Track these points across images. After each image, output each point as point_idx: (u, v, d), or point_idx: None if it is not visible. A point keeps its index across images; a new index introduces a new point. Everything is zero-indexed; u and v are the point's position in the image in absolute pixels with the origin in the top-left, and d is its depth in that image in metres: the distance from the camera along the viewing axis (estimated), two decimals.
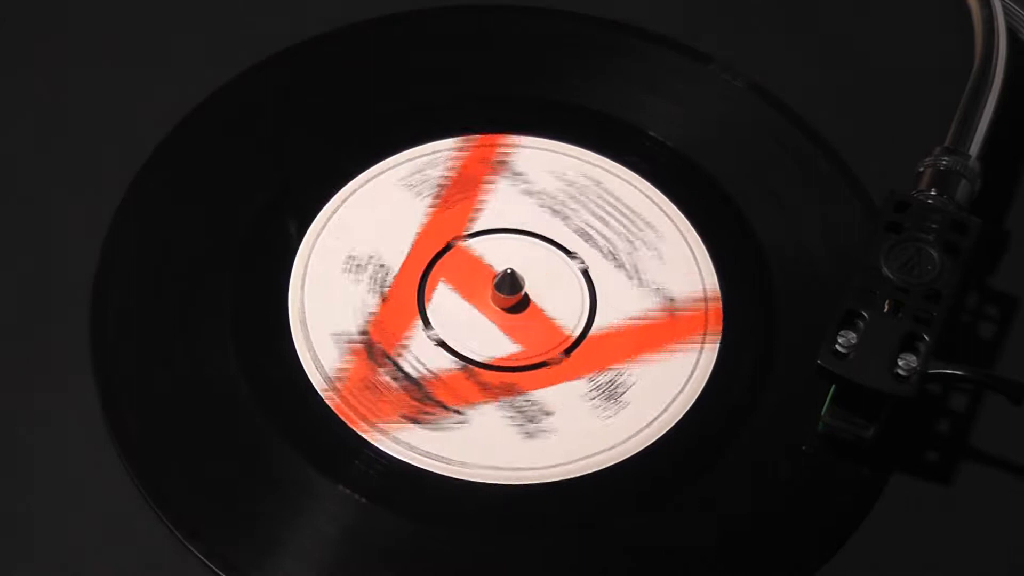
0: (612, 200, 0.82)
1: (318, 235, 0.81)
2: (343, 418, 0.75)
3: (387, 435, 0.75)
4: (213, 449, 0.75)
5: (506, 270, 0.78)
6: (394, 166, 0.83)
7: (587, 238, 0.81)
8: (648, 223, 0.82)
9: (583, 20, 0.89)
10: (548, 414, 0.76)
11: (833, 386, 0.75)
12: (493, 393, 0.77)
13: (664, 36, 0.88)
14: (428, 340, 0.78)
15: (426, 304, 0.79)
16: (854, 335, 0.74)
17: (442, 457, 0.75)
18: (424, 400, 0.76)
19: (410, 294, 0.79)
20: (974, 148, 0.80)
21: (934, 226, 0.76)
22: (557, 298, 0.80)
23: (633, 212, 0.82)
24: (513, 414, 0.76)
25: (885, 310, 0.74)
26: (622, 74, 0.87)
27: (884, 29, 0.90)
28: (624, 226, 0.82)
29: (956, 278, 0.75)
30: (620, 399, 0.77)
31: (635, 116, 0.85)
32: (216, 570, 0.72)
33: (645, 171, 0.83)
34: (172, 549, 0.72)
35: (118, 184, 0.81)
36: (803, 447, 0.76)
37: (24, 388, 0.76)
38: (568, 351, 0.78)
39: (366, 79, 0.86)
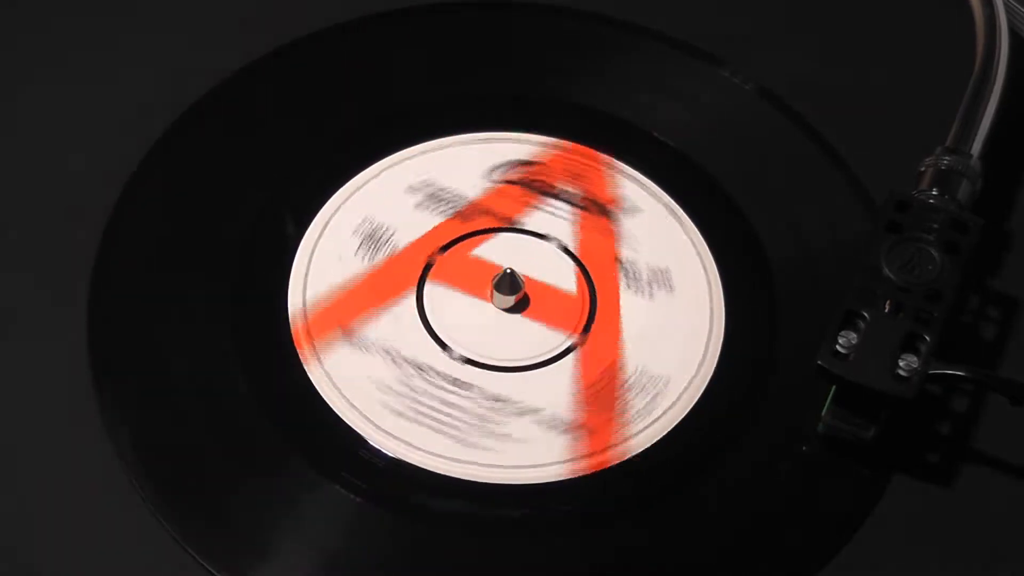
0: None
1: (319, 235, 0.80)
2: (342, 416, 0.76)
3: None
4: (212, 449, 0.75)
5: (505, 270, 0.78)
6: (392, 165, 0.83)
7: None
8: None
9: (586, 19, 0.89)
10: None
11: (833, 386, 0.75)
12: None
13: (667, 35, 0.88)
14: (454, 360, 0.78)
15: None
16: (854, 335, 0.73)
17: (441, 456, 0.75)
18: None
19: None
20: (975, 148, 0.80)
21: (935, 226, 0.76)
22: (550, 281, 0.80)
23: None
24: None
25: (886, 310, 0.74)
26: (625, 74, 0.87)
27: (886, 28, 0.90)
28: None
29: (957, 278, 0.75)
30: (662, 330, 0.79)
31: (638, 116, 0.85)
32: (214, 572, 0.72)
33: (649, 171, 0.83)
34: (170, 550, 0.72)
35: (114, 184, 0.81)
36: (803, 447, 0.76)
37: (22, 388, 0.76)
38: (587, 328, 0.79)
39: (366, 79, 0.86)
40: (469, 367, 0.77)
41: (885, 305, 0.74)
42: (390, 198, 0.81)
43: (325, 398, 0.76)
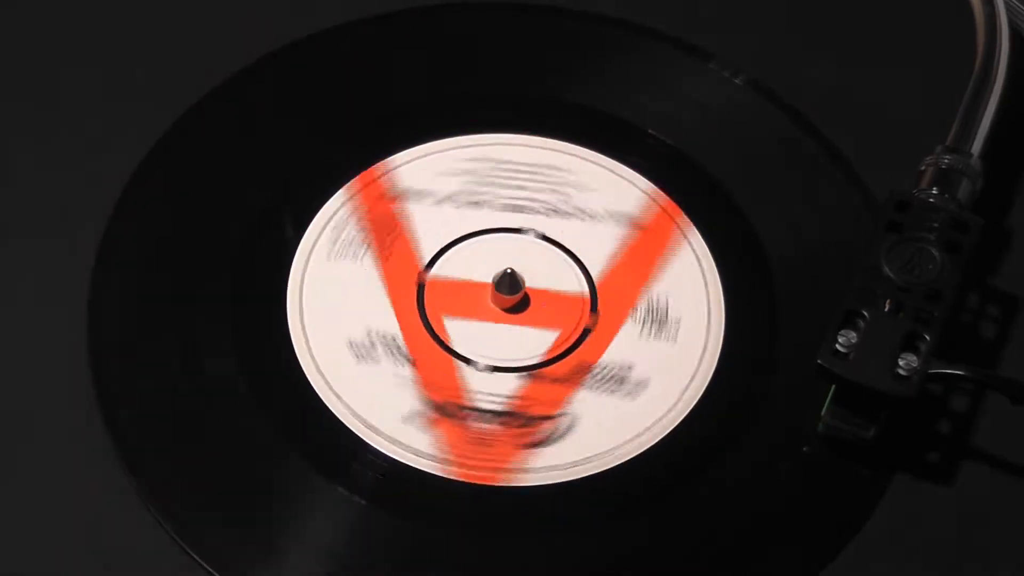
0: (511, 167, 0.83)
1: (318, 235, 0.80)
2: (343, 418, 0.76)
3: (526, 471, 0.74)
4: (211, 450, 0.74)
5: (505, 270, 0.78)
6: (394, 167, 0.83)
7: (519, 209, 0.81)
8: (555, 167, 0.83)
9: (582, 17, 0.89)
10: (630, 367, 0.77)
11: (833, 386, 0.75)
12: (574, 381, 0.77)
13: (665, 33, 0.88)
14: (481, 373, 0.77)
15: (451, 344, 0.78)
16: (854, 335, 0.73)
17: (440, 456, 0.75)
18: (528, 422, 0.76)
19: (430, 344, 0.78)
20: (976, 147, 0.80)
21: (935, 225, 0.76)
22: (545, 273, 0.80)
23: (533, 166, 0.83)
24: (604, 386, 0.77)
25: (886, 310, 0.74)
26: (621, 72, 0.87)
27: (886, 27, 0.90)
28: (539, 182, 0.82)
29: (957, 278, 0.75)
30: (667, 321, 0.78)
31: (634, 114, 0.85)
32: (213, 572, 0.72)
33: (645, 169, 0.83)
34: (169, 551, 0.72)
35: (115, 184, 0.81)
36: (804, 448, 0.76)
37: (21, 389, 0.76)
38: (594, 308, 0.79)
39: (365, 79, 0.86)
40: (503, 375, 0.77)
41: (885, 305, 0.74)
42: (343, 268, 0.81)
43: (324, 398, 0.76)
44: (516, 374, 0.77)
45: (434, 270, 0.80)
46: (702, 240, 0.81)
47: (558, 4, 0.89)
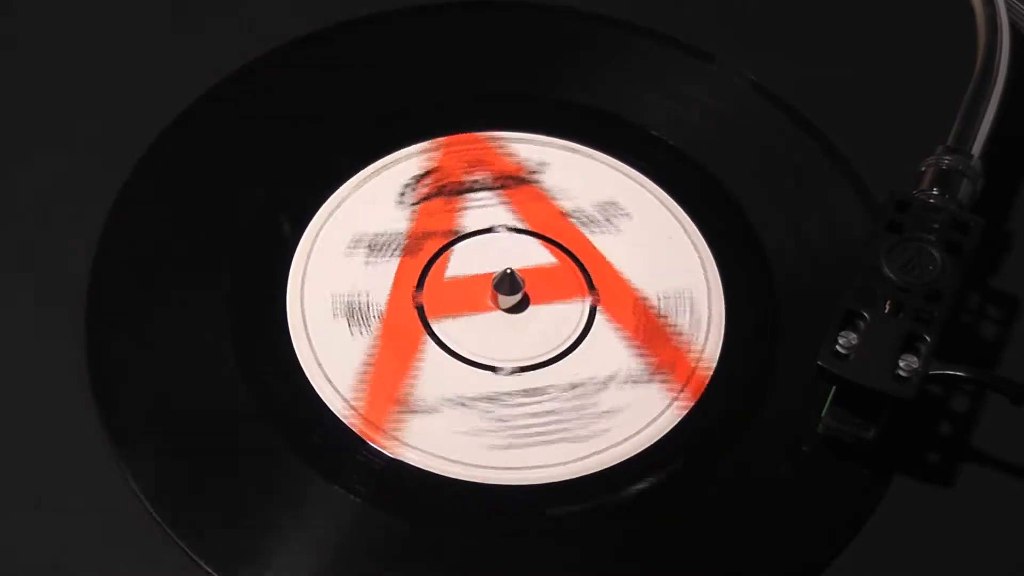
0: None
1: (316, 234, 0.80)
2: (347, 423, 0.75)
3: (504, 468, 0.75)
4: (211, 451, 0.74)
5: (505, 270, 0.78)
6: (392, 164, 0.83)
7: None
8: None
9: (584, 18, 0.89)
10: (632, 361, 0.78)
11: (833, 387, 0.75)
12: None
13: (666, 35, 0.88)
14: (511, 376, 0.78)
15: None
16: (855, 335, 0.73)
17: (564, 463, 0.75)
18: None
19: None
20: (976, 147, 0.79)
21: (935, 226, 0.76)
22: (535, 260, 0.80)
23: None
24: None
25: (886, 310, 0.74)
26: (623, 73, 0.87)
27: (886, 27, 0.90)
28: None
29: (957, 278, 0.75)
30: (666, 313, 0.79)
31: (637, 115, 0.85)
32: (212, 572, 0.72)
33: (648, 170, 0.83)
34: (170, 551, 0.72)
35: (113, 184, 0.81)
36: (804, 448, 0.76)
37: (20, 391, 0.76)
38: (591, 286, 0.80)
39: (365, 79, 0.86)
40: (528, 374, 0.77)
41: (885, 305, 0.74)
42: (340, 269, 0.80)
43: (324, 398, 0.76)
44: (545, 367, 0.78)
45: (425, 289, 0.80)
46: (703, 240, 0.81)
47: (559, 4, 0.89)
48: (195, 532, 0.72)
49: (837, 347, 0.73)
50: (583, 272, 0.80)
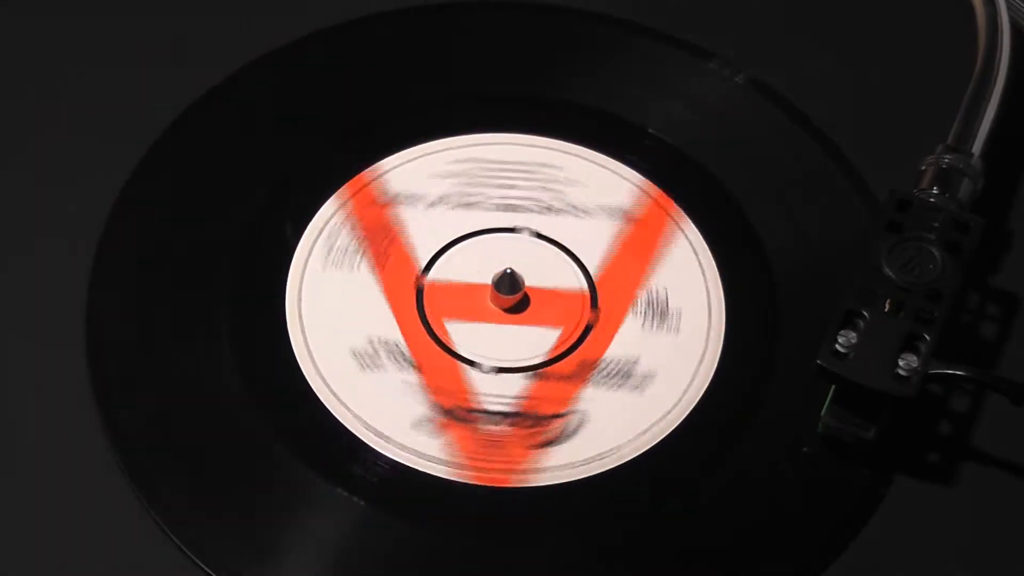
0: (501, 166, 0.83)
1: (316, 236, 0.80)
2: (346, 423, 0.75)
3: (542, 470, 0.74)
4: (210, 452, 0.74)
5: (505, 270, 0.78)
6: (384, 172, 0.82)
7: (511, 208, 0.81)
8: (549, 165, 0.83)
9: (582, 16, 0.88)
10: (635, 361, 0.77)
11: (833, 386, 0.74)
12: (580, 378, 0.77)
13: (665, 33, 0.88)
14: (487, 375, 0.77)
15: (454, 348, 0.78)
16: (854, 335, 0.73)
17: (452, 460, 0.75)
18: (539, 421, 0.76)
19: (433, 349, 0.78)
20: (977, 146, 0.79)
21: (936, 225, 0.76)
22: (542, 271, 0.79)
23: (522, 164, 0.83)
24: (611, 381, 0.77)
25: (886, 310, 0.74)
26: (622, 71, 0.87)
27: (886, 26, 0.90)
28: (530, 180, 0.82)
29: (958, 278, 0.75)
30: (668, 314, 0.78)
31: (635, 114, 0.85)
32: (211, 573, 0.72)
33: (646, 170, 0.83)
34: (169, 552, 0.72)
35: (113, 184, 0.81)
36: (804, 448, 0.76)
37: (19, 390, 0.75)
38: (594, 304, 0.79)
39: (365, 79, 0.86)
40: (509, 376, 0.77)
41: (885, 305, 0.74)
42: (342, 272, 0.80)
43: (323, 399, 0.76)
44: (522, 374, 0.77)
45: (432, 273, 0.79)
46: (703, 239, 0.81)
47: (558, 3, 0.89)
48: (195, 534, 0.72)
49: (837, 346, 0.73)
50: (592, 295, 0.80)
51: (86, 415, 0.75)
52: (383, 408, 0.76)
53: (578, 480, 0.74)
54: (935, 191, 0.77)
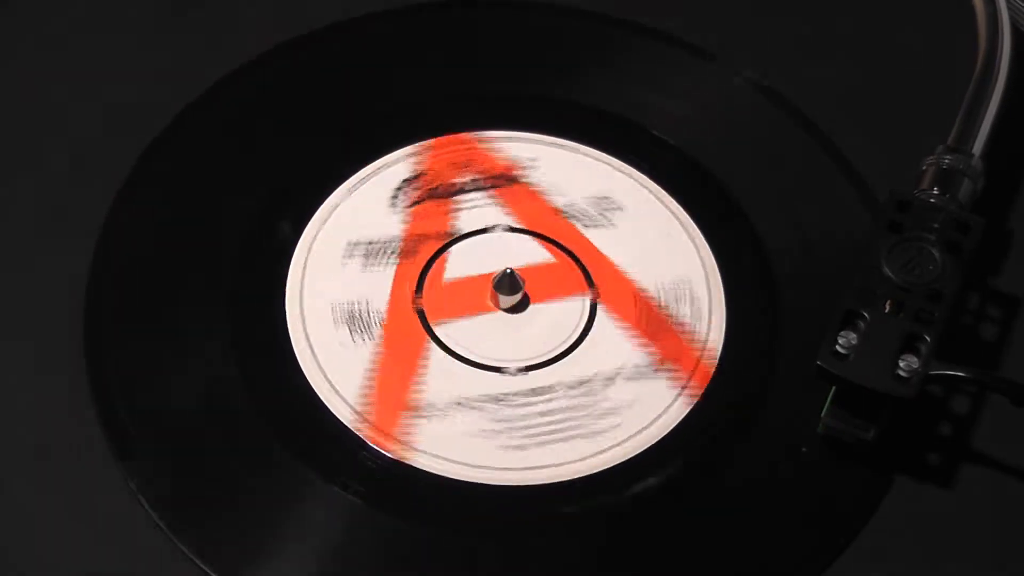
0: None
1: (316, 234, 0.80)
2: (346, 422, 0.75)
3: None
4: (210, 451, 0.74)
5: (505, 270, 0.78)
6: (381, 168, 0.82)
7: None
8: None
9: (585, 16, 0.88)
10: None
11: (833, 387, 0.74)
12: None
13: (667, 33, 0.88)
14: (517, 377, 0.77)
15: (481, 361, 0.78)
16: (854, 335, 0.73)
17: (580, 460, 0.75)
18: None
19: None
20: (977, 146, 0.79)
21: (936, 225, 0.76)
22: (530, 258, 0.80)
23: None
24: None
25: (886, 310, 0.74)
26: (625, 72, 0.87)
27: (887, 26, 0.89)
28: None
29: (958, 278, 0.75)
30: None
31: (638, 115, 0.85)
32: (210, 573, 0.72)
33: (649, 170, 0.83)
34: (169, 553, 0.72)
35: (111, 184, 0.81)
36: (803, 449, 0.75)
37: (19, 390, 0.75)
38: (590, 281, 0.80)
39: (365, 79, 0.86)
40: (533, 373, 0.77)
41: (885, 305, 0.74)
42: (338, 277, 0.79)
43: (323, 399, 0.76)
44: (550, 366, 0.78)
45: (424, 293, 0.79)
46: (703, 239, 0.81)
47: (558, 3, 0.89)
48: (194, 532, 0.72)
49: (837, 347, 0.73)
50: (581, 268, 0.80)
51: (85, 415, 0.75)
52: (467, 444, 0.75)
53: (576, 479, 0.74)
54: (935, 191, 0.77)
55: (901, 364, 0.72)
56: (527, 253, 0.80)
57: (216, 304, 0.78)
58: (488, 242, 0.81)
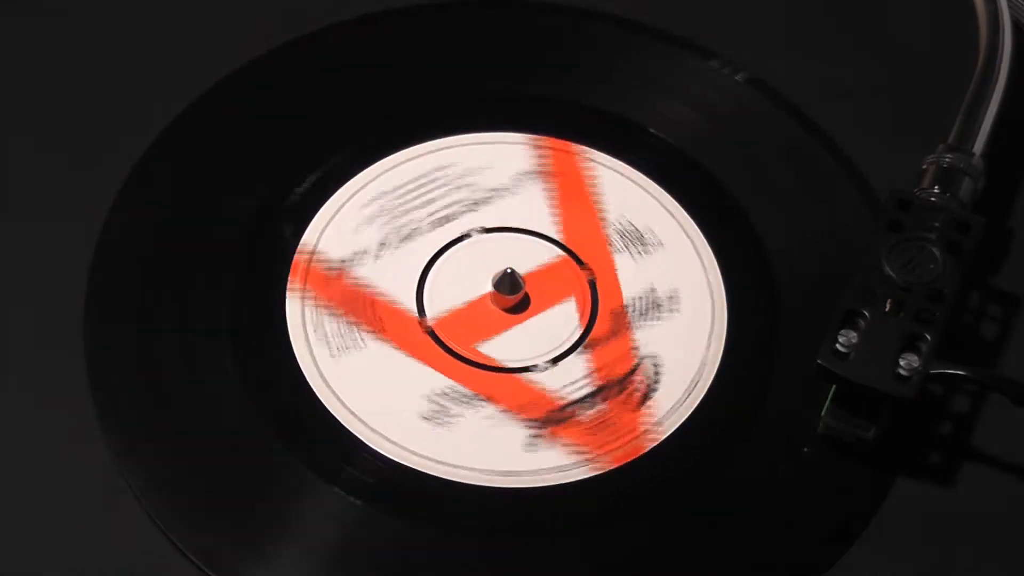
0: (408, 188, 0.82)
1: (318, 236, 0.80)
2: (346, 423, 0.75)
3: (659, 425, 0.75)
4: (210, 451, 0.74)
5: (505, 270, 0.78)
6: (393, 166, 0.82)
7: (446, 219, 0.81)
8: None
9: (582, 15, 0.88)
10: (652, 290, 0.79)
11: (833, 387, 0.74)
12: (623, 327, 0.78)
13: (667, 33, 0.88)
14: (546, 372, 0.77)
15: (503, 364, 0.77)
16: (855, 335, 0.73)
17: (582, 459, 0.75)
18: (623, 383, 0.77)
19: (488, 376, 0.77)
20: (978, 145, 0.79)
21: (936, 225, 0.76)
22: (517, 258, 0.80)
23: (424, 176, 0.82)
24: (649, 316, 0.79)
25: (886, 309, 0.74)
26: (622, 71, 0.87)
27: (887, 24, 0.89)
28: (442, 187, 0.82)
29: (958, 277, 0.74)
30: (643, 235, 0.80)
31: (638, 115, 0.85)
32: (209, 573, 0.72)
33: (647, 169, 0.83)
34: (168, 554, 0.72)
35: (111, 185, 0.81)
36: (804, 449, 0.75)
37: (19, 390, 0.75)
38: (580, 262, 0.80)
39: (364, 79, 0.86)
40: (564, 361, 0.77)
41: (886, 304, 0.74)
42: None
43: (323, 400, 0.76)
44: (574, 353, 0.77)
45: (429, 312, 0.79)
46: (703, 238, 0.81)
47: (558, 2, 0.89)
48: (193, 532, 0.72)
49: (837, 346, 0.73)
50: (573, 257, 0.80)
51: (86, 415, 0.75)
52: (485, 447, 0.75)
53: (576, 481, 0.74)
54: (936, 190, 0.77)
55: (901, 363, 0.72)
56: (524, 254, 0.81)
57: (216, 304, 0.78)
58: (471, 248, 0.81)
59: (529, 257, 0.80)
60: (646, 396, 0.76)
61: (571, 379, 0.77)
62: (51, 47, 0.86)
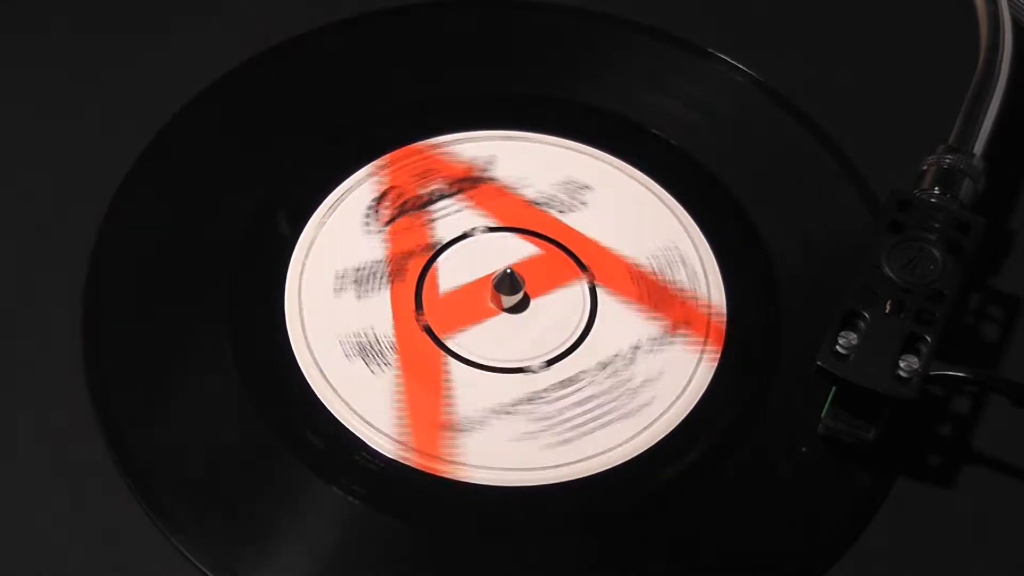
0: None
1: (315, 235, 0.80)
2: (345, 422, 0.75)
3: None
4: (209, 451, 0.74)
5: (504, 270, 0.78)
6: (345, 195, 0.82)
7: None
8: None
9: (583, 15, 0.88)
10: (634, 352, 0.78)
11: (834, 387, 0.74)
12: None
13: (668, 33, 0.88)
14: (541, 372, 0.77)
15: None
16: (855, 336, 0.73)
17: (625, 443, 0.75)
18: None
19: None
20: (978, 146, 0.79)
21: (937, 225, 0.76)
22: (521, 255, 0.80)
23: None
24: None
25: (887, 310, 0.74)
26: (623, 71, 0.87)
27: (888, 25, 0.89)
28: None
29: (959, 278, 0.74)
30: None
31: (637, 113, 0.85)
32: (208, 573, 0.72)
33: (648, 169, 0.83)
34: (169, 554, 0.72)
35: (110, 184, 0.81)
36: (804, 449, 0.75)
37: (18, 390, 0.75)
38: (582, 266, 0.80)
39: (364, 78, 0.86)
40: (555, 366, 0.77)
41: (886, 305, 0.74)
42: (336, 311, 0.79)
43: (322, 399, 0.76)
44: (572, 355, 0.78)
45: (424, 311, 0.79)
46: (703, 238, 0.81)
47: (558, 2, 0.89)
48: (192, 531, 0.72)
49: (837, 347, 0.73)
50: (569, 255, 0.80)
51: (84, 415, 0.75)
52: (521, 456, 0.75)
53: (576, 480, 0.74)
54: (936, 191, 0.77)
55: (901, 364, 0.72)
56: (512, 250, 0.80)
57: (216, 304, 0.78)
58: (471, 246, 0.81)
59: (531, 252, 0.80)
60: None
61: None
62: (51, 47, 0.86)
